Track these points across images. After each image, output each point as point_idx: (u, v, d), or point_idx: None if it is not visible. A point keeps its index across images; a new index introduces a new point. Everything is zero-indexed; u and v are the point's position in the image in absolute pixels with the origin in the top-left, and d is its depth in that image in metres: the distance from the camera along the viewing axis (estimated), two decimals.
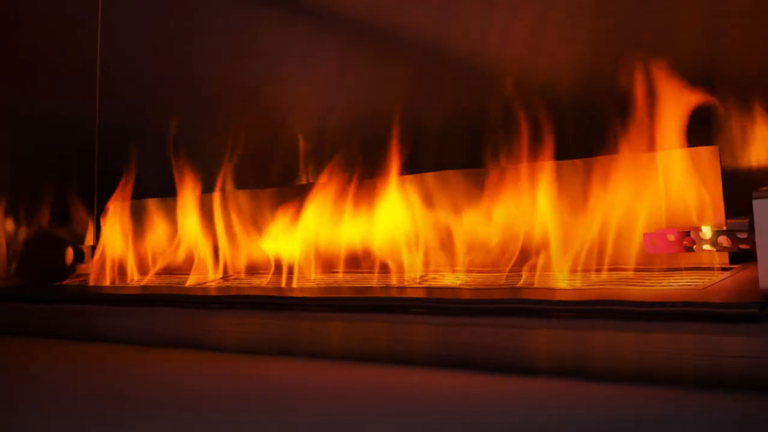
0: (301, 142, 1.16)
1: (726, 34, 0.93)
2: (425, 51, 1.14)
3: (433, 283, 0.94)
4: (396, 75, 1.13)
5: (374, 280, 1.01)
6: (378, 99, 1.03)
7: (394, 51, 1.17)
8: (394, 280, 0.98)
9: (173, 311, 0.95)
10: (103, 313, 1.02)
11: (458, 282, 0.92)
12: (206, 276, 1.18)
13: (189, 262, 1.22)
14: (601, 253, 0.85)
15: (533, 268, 0.87)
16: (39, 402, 0.68)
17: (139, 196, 1.33)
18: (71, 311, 1.07)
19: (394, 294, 0.88)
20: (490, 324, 0.70)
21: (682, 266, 0.82)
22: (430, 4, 1.15)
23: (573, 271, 0.86)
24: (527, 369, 0.66)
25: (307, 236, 1.09)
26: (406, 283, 0.96)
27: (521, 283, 0.86)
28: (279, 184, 1.15)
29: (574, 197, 0.90)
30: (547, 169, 0.93)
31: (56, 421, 0.61)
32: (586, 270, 0.86)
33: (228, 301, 0.94)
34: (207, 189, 1.25)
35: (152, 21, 1.49)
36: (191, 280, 1.16)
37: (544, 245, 0.88)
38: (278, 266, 1.11)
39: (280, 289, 1.01)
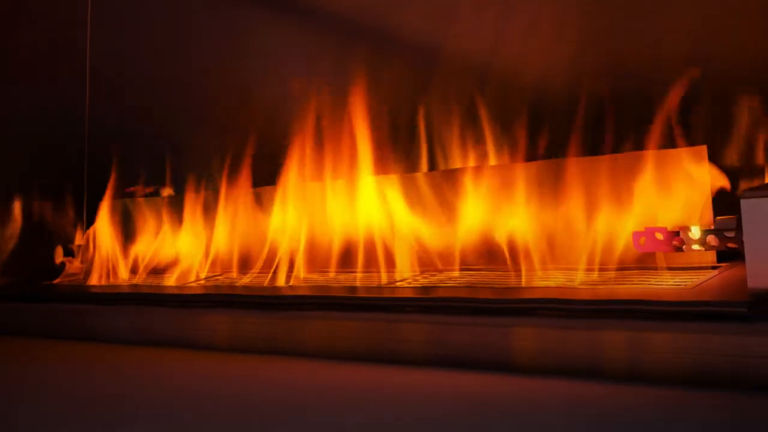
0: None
1: (715, 34, 0.93)
2: (420, 50, 1.14)
3: (424, 283, 0.94)
4: (391, 74, 1.13)
5: (363, 280, 1.01)
6: (372, 99, 1.03)
7: (389, 51, 1.17)
8: (384, 280, 0.98)
9: (168, 311, 0.95)
10: (95, 312, 1.02)
11: (449, 282, 0.93)
12: (189, 275, 1.18)
13: (178, 262, 1.22)
14: (590, 252, 0.85)
15: (522, 268, 0.87)
16: (38, 402, 0.68)
17: (130, 195, 1.32)
18: (63, 311, 1.06)
19: (386, 294, 0.89)
20: (482, 323, 0.70)
21: (671, 265, 0.82)
22: (426, 4, 1.15)
23: (562, 270, 0.87)
24: (518, 368, 0.67)
25: (297, 235, 1.09)
26: (398, 283, 0.96)
27: (512, 282, 0.86)
28: (273, 182, 1.14)
29: (563, 196, 0.90)
30: (535, 168, 0.93)
31: (55, 422, 0.61)
32: (575, 269, 0.86)
33: (222, 300, 0.94)
34: (199, 188, 1.25)
35: (145, 19, 1.48)
36: (171, 280, 1.17)
37: (534, 245, 0.88)
38: (269, 265, 1.11)
39: (273, 288, 1.02)
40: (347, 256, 1.08)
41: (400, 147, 1.04)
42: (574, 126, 0.90)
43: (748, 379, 0.57)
